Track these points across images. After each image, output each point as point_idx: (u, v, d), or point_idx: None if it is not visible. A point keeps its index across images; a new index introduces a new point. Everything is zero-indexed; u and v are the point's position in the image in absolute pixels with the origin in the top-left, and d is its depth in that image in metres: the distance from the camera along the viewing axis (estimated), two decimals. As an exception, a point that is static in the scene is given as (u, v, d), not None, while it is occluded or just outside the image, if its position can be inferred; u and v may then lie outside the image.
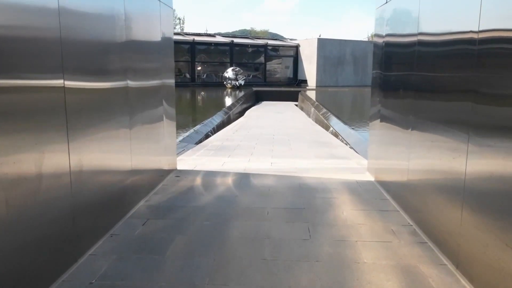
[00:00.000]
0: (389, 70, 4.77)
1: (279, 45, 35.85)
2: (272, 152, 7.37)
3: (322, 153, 7.40)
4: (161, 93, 4.93)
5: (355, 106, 19.74)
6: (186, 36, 33.01)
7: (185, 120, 13.43)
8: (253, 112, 18.25)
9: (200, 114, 15.24)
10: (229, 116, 15.60)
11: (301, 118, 16.14)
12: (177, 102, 18.74)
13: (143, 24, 4.28)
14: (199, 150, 7.43)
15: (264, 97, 27.09)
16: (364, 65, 35.16)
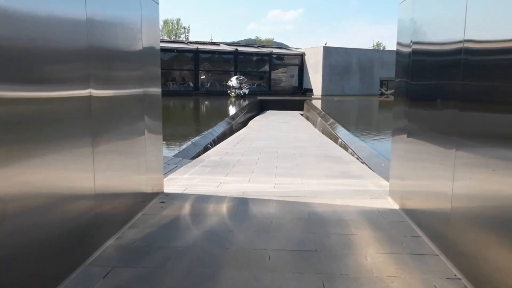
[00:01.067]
0: (420, 79, 3.87)
1: (284, 54, 35.11)
2: (276, 169, 6.46)
3: (333, 170, 6.48)
4: (143, 104, 4.07)
5: (363, 116, 18.84)
6: (190, 44, 32.36)
7: (185, 131, 12.59)
8: (256, 122, 17.39)
9: (201, 124, 14.40)
10: (232, 127, 14.73)
11: (307, 128, 15.24)
12: (179, 111, 17.74)
13: (115, 29, 3.44)
14: (194, 167, 6.54)
15: (268, 106, 26.29)
16: (370, 74, 34.32)
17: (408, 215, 3.92)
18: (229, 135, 12.74)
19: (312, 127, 16.23)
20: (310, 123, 18.28)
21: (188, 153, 8.34)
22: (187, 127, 13.73)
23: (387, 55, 35.15)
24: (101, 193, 3.10)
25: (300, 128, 15.31)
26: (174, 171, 6.09)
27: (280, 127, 15.12)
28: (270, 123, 16.92)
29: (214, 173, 6.03)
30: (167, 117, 17.52)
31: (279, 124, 16.69)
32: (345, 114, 20.20)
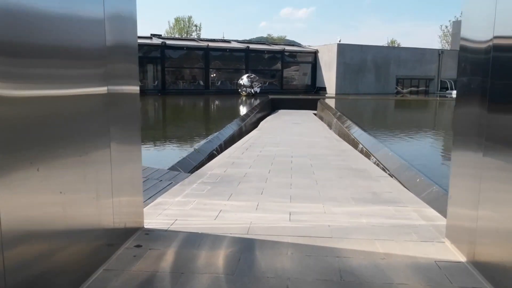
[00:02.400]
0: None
1: (297, 51, 33.77)
2: (291, 189, 5.23)
3: (360, 190, 5.23)
4: (107, 106, 2.89)
5: (382, 116, 17.46)
6: (200, 42, 31.24)
7: (190, 135, 11.44)
8: (268, 123, 16.17)
9: (209, 126, 13.25)
10: (241, 129, 13.54)
11: (322, 130, 13.98)
12: (186, 111, 16.46)
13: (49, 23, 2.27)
14: (191, 184, 5.35)
15: (280, 105, 25.09)
16: (386, 72, 32.80)
17: (487, 277, 2.67)
18: (238, 139, 11.55)
19: (327, 129, 14.95)
20: (324, 124, 16.99)
21: (188, 163, 7.17)
22: (193, 129, 12.59)
23: (404, 52, 33.56)
24: (15, 236, 1.92)
25: (315, 130, 14.05)
26: (165, 191, 4.91)
27: (293, 130, 13.88)
28: (282, 125, 15.68)
29: (215, 195, 4.83)
30: (173, 118, 16.36)
31: (292, 125, 15.44)
32: (362, 114, 18.85)
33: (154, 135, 11.13)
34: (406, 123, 16.22)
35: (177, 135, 11.41)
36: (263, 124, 16.03)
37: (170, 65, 29.75)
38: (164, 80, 28.93)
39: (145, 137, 10.75)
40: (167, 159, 7.57)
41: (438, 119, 18.09)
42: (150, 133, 11.14)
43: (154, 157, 7.91)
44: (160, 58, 28.69)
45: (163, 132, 11.89)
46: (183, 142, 10.08)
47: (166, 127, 13.02)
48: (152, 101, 24.05)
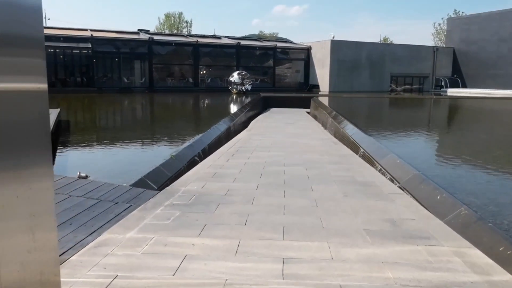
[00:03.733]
0: None
1: (289, 48, 32.54)
2: (284, 215, 3.99)
3: (374, 216, 4.01)
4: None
5: (381, 116, 16.31)
6: (190, 38, 29.86)
7: (171, 137, 10.15)
8: (259, 123, 14.93)
9: (194, 126, 11.98)
10: (230, 129, 12.28)
11: (317, 131, 12.78)
12: (172, 110, 14.95)
13: None
14: (154, 209, 4.08)
15: (272, 103, 23.86)
16: (381, 69, 31.72)
17: None
18: (226, 141, 10.30)
19: (323, 130, 13.75)
20: (319, 124, 15.80)
21: (161, 175, 5.90)
22: (176, 130, 11.31)
23: (399, 49, 32.50)
24: None
25: (309, 130, 12.84)
26: (117, 221, 3.64)
27: (286, 130, 12.66)
28: (274, 124, 14.46)
29: (182, 226, 3.57)
30: (156, 117, 15.06)
31: (285, 125, 14.22)
32: (358, 113, 17.70)
33: (130, 137, 9.84)
34: (406, 123, 15.09)
35: (156, 137, 10.14)
36: (253, 124, 14.78)
37: (158, 61, 28.36)
38: (151, 77, 27.54)
39: (118, 140, 9.47)
40: (136, 168, 6.31)
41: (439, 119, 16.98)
42: (126, 136, 9.85)
43: (119, 167, 6.63)
44: (147, 54, 27.29)
45: (141, 133, 10.62)
46: (161, 146, 8.82)
47: (146, 127, 11.75)
48: (137, 99, 22.67)
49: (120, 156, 7.72)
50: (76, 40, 25.43)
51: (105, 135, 10.44)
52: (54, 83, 25.93)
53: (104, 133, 10.71)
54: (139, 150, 8.57)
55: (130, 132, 10.90)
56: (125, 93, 25.59)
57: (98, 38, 25.97)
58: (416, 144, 9.99)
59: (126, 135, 10.29)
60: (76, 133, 10.69)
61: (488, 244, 3.51)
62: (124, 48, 26.97)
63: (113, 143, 9.30)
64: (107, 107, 18.32)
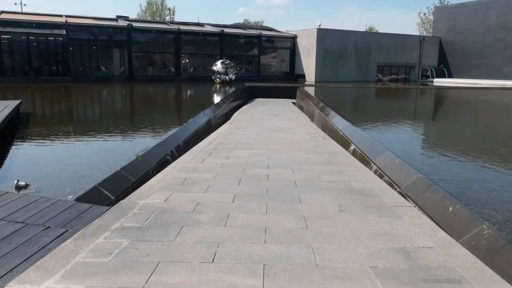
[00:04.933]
0: None
1: (275, 36, 31.43)
2: (265, 244, 3.05)
3: (381, 243, 3.10)
4: None
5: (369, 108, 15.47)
6: (171, 25, 28.46)
7: (143, 132, 9.09)
8: (242, 115, 13.94)
9: (171, 119, 10.91)
10: (210, 122, 11.27)
11: (304, 124, 11.87)
12: (150, 101, 13.68)
13: None
14: (94, 238, 3.09)
15: (257, 93, 22.86)
16: (367, 58, 30.93)
17: None
18: (205, 136, 9.31)
19: (309, 122, 12.86)
20: (306, 116, 14.91)
21: (120, 181, 4.90)
22: (151, 124, 10.25)
23: (386, 38, 31.71)
24: None
25: (296, 123, 11.92)
26: (40, 256, 2.65)
27: (271, 123, 11.71)
28: (258, 116, 13.50)
29: (126, 268, 2.60)
30: (131, 109, 13.86)
31: (270, 117, 13.27)
32: (346, 104, 16.84)
33: (98, 132, 8.74)
34: (397, 115, 14.30)
35: (129, 132, 9.07)
36: (236, 116, 13.78)
37: (138, 49, 26.93)
38: (131, 66, 26.14)
39: (83, 135, 8.36)
40: (94, 173, 5.28)
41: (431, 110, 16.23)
42: (93, 130, 8.75)
43: (76, 170, 5.58)
44: (126, 42, 25.85)
45: (111, 127, 9.52)
46: (129, 143, 7.78)
47: (118, 121, 10.63)
48: (114, 89, 21.36)
49: (80, 155, 6.66)
50: (50, 26, 23.82)
51: (70, 129, 9.32)
52: (27, 72, 24.38)
53: (70, 128, 9.58)
54: (105, 148, 7.51)
55: (100, 126, 9.79)
56: (102, 82, 24.19)
57: (73, 25, 24.39)
58: (412, 139, 9.17)
59: (94, 129, 9.20)
60: (36, 128, 9.53)
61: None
62: (102, 35, 25.45)
63: (77, 139, 8.21)
64: (80, 98, 17.04)
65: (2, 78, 23.02)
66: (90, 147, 7.46)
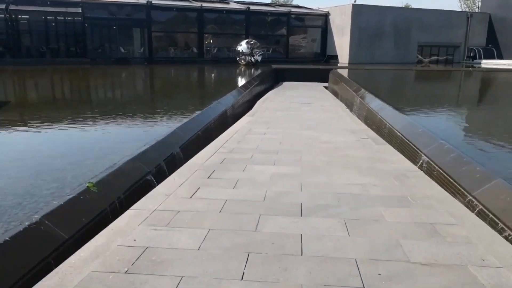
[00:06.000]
0: None
1: (305, 13, 28.31)
2: None
3: None
4: None
5: (420, 95, 12.52)
6: (193, 2, 25.92)
7: (130, 134, 6.68)
8: (267, 103, 11.43)
9: (181, 109, 8.51)
10: (225, 114, 8.85)
11: (342, 116, 9.22)
12: (163, 86, 9.82)
13: None
14: None
15: (285, 76, 20.25)
16: (406, 38, 27.44)
17: None
18: (215, 134, 6.92)
19: (348, 113, 10.20)
20: (342, 104, 12.23)
21: (31, 241, 2.58)
22: (149, 119, 7.89)
23: (428, 15, 27.99)
24: None
25: (333, 115, 9.30)
26: None
27: (302, 114, 9.16)
28: (285, 105, 10.95)
29: None
30: (138, 97, 11.29)
31: (300, 107, 10.70)
32: (390, 90, 13.96)
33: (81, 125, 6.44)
34: (459, 102, 11.37)
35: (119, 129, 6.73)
36: (260, 105, 11.28)
37: (158, 29, 24.60)
38: (151, 47, 23.91)
39: (69, 122, 6.00)
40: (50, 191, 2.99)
41: (498, 95, 13.10)
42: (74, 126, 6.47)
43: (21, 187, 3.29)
44: (145, 21, 23.56)
45: (100, 121, 7.20)
46: (119, 144, 5.42)
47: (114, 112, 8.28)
48: (129, 72, 19.22)
49: (55, 154, 4.42)
50: (65, 4, 21.87)
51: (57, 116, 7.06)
52: (44, 53, 22.61)
53: (57, 114, 7.31)
54: (88, 145, 5.22)
55: (86, 118, 7.54)
56: (121, 64, 22.13)
57: (89, 3, 22.30)
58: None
59: (85, 119, 6.96)
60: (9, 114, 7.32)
61: None
62: (120, 14, 23.25)
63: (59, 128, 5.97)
64: (92, 81, 14.96)
65: (19, 60, 21.38)
66: (71, 143, 5.23)
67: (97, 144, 5.37)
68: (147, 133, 6.14)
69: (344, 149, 5.71)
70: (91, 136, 5.92)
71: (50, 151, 4.95)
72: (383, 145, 6.13)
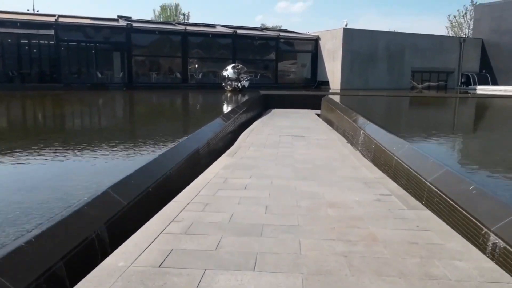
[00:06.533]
0: None
1: (294, 38, 26.85)
2: None
3: None
4: None
5: (429, 125, 10.61)
6: (177, 26, 24.23)
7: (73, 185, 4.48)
8: (252, 137, 9.39)
9: (137, 149, 6.34)
10: (197, 154, 6.74)
11: (346, 155, 7.17)
12: (130, 115, 8.52)
13: None
14: None
15: (274, 103, 18.43)
16: (400, 62, 26.04)
17: None
18: (180, 185, 4.82)
19: (351, 149, 8.19)
20: (340, 136, 10.25)
21: None
22: (95, 163, 5.70)
23: (421, 40, 26.76)
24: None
25: (334, 153, 7.26)
26: None
27: (295, 154, 7.09)
28: (274, 139, 8.93)
29: None
30: (98, 128, 8.95)
31: (292, 141, 8.68)
32: (393, 120, 12.05)
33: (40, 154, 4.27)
34: (478, 139, 9.45)
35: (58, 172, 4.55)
36: (243, 139, 9.23)
37: (139, 53, 22.76)
38: (130, 72, 21.96)
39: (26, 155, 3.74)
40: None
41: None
42: (40, 152, 4.30)
43: None
44: (125, 44, 21.70)
45: (46, 157, 5.04)
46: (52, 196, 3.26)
47: (70, 141, 6.09)
48: (102, 98, 17.13)
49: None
50: (37, 26, 19.97)
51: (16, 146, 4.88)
52: (12, 78, 20.47)
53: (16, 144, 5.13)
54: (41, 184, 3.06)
55: (52, 145, 5.36)
56: (97, 90, 20.07)
57: (63, 24, 20.42)
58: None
59: (40, 152, 4.80)
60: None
61: None
62: (97, 37, 21.38)
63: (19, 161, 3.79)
64: (58, 108, 12.80)
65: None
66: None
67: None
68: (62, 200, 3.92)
69: (364, 221, 3.63)
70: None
71: None
72: (420, 211, 4.06)
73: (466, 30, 44.37)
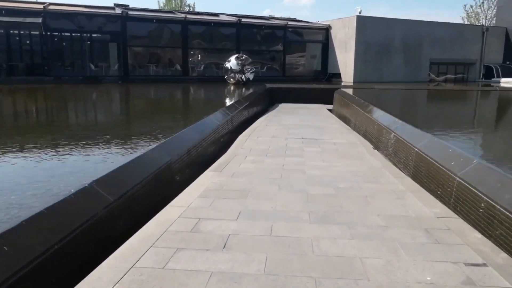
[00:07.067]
0: None
1: (304, 27, 24.52)
2: None
3: None
4: None
5: (464, 124, 8.35)
6: (177, 14, 22.10)
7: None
8: (252, 140, 7.30)
9: (101, 158, 4.32)
10: (168, 170, 4.71)
11: (379, 171, 5.01)
12: (116, 114, 6.12)
13: None
14: None
15: (281, 97, 16.36)
16: (417, 53, 23.61)
17: None
18: (141, 222, 2.79)
19: (381, 159, 6.05)
20: (361, 138, 8.11)
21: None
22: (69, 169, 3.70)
23: (440, 29, 24.25)
24: None
25: (359, 165, 5.13)
26: None
27: (306, 168, 4.98)
28: (280, 144, 6.83)
29: None
30: (78, 127, 6.81)
31: (302, 147, 6.57)
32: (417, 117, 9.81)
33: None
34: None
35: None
36: (240, 144, 7.13)
37: (136, 43, 20.70)
38: (126, 64, 19.94)
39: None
40: None
41: None
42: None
43: None
44: (121, 34, 19.66)
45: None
46: None
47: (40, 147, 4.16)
48: (92, 93, 15.12)
49: None
50: (23, 14, 18.06)
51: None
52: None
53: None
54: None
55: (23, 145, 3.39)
56: (90, 83, 18.10)
57: (52, 12, 18.44)
58: None
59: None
60: None
61: None
62: (90, 25, 19.40)
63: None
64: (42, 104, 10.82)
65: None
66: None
67: None
68: None
69: None
70: None
71: None
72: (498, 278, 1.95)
73: (483, 20, 41.45)
